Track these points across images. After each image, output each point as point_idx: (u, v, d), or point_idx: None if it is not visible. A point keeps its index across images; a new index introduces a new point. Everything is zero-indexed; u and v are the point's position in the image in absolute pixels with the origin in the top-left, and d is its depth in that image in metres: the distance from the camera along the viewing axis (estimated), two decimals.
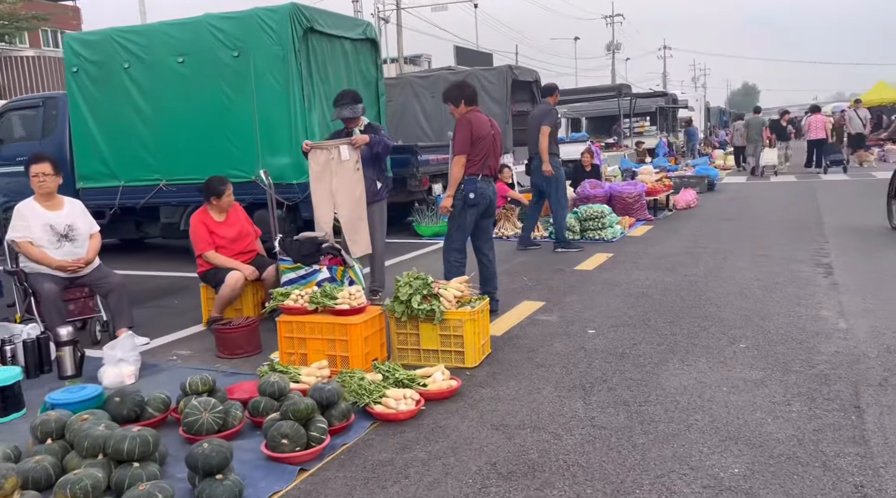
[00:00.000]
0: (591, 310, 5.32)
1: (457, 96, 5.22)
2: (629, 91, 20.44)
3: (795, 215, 10.10)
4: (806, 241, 7.83)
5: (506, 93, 11.77)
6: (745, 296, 5.50)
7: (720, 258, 7.09)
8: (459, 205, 5.14)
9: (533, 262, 7.49)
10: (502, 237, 9.20)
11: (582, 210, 8.83)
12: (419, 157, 9.73)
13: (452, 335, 4.05)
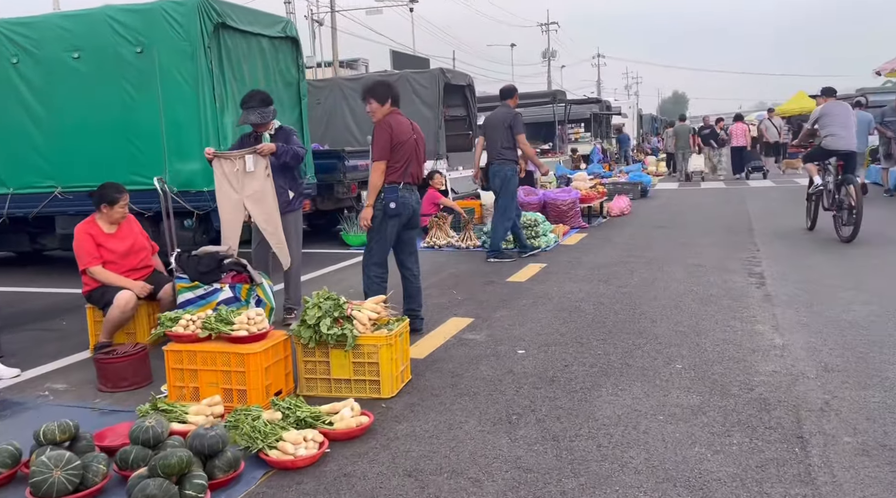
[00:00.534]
0: (522, 326, 5.00)
1: (384, 93, 4.80)
2: (564, 98, 20.51)
3: (727, 222, 10.12)
4: (738, 249, 7.77)
5: (438, 97, 11.44)
6: (681, 309, 5.28)
7: (655, 268, 6.92)
8: (380, 215, 4.73)
9: (465, 273, 7.15)
10: (433, 246, 8.83)
11: None
12: (346, 162, 9.27)
13: (367, 363, 3.63)
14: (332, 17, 38.77)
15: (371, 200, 4.72)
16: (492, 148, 7.88)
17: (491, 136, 7.84)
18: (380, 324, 3.80)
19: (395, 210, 4.72)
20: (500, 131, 7.68)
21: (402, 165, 4.77)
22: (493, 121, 7.92)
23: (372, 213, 4.73)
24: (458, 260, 7.95)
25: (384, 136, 4.69)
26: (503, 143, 7.67)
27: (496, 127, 7.76)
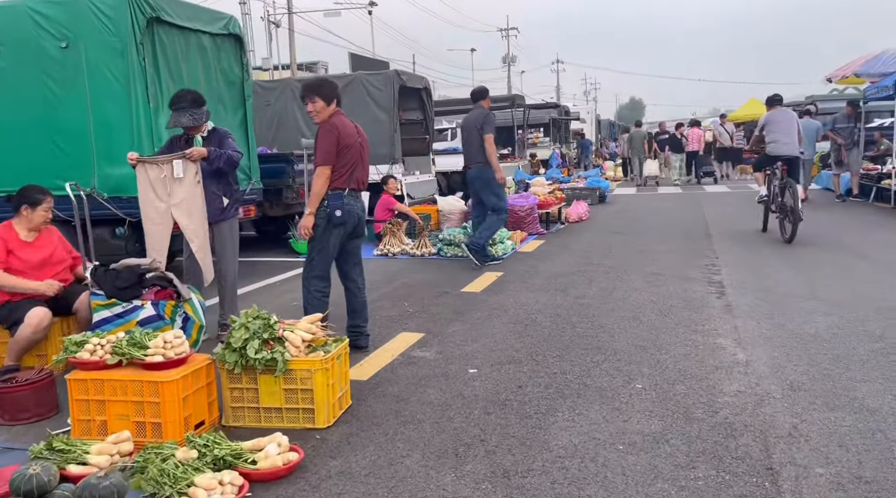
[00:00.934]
0: (475, 342, 4.70)
1: (329, 93, 4.45)
2: (523, 102, 20.38)
3: (684, 228, 10.03)
4: (697, 256, 7.63)
5: (393, 99, 11.10)
6: (640, 321, 5.06)
7: (613, 277, 6.71)
8: (323, 224, 4.38)
9: (418, 283, 6.82)
10: (387, 254, 8.48)
11: (471, 225, 8.26)
12: (296, 166, 8.87)
13: (300, 389, 3.28)
14: (290, 18, 38.09)
15: (313, 208, 4.36)
16: (467, 152, 7.66)
17: (466, 140, 7.65)
18: (316, 345, 3.45)
19: (341, 218, 4.38)
20: (474, 134, 7.49)
21: (348, 170, 4.44)
22: (467, 124, 7.72)
23: (313, 221, 4.37)
24: (412, 269, 7.63)
25: (330, 138, 4.35)
26: (479, 146, 7.46)
27: (471, 130, 7.59)
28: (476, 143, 7.49)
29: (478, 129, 7.43)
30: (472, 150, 7.55)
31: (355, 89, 11.29)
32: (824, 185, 15.74)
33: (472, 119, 7.62)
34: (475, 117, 7.59)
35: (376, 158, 11.36)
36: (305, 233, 4.38)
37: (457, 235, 8.20)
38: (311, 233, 4.37)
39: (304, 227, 4.37)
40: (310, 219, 4.36)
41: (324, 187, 4.34)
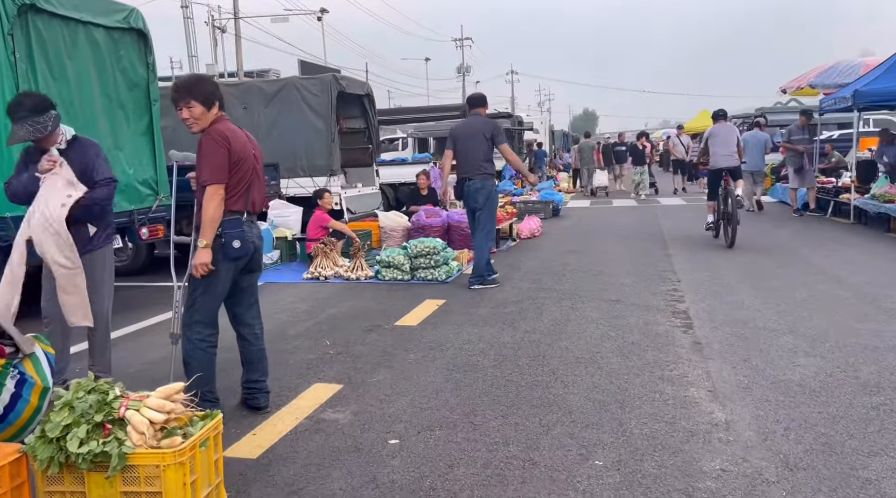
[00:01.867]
0: (402, 396, 3.88)
1: (210, 94, 3.58)
2: None
3: (642, 246, 9.43)
4: (657, 280, 6.99)
5: (330, 105, 10.25)
6: (598, 365, 4.32)
7: (567, 305, 5.98)
8: (214, 258, 3.50)
9: (347, 314, 5.97)
10: (318, 278, 7.60)
11: (412, 245, 7.45)
12: None
13: (145, 493, 2.41)
14: (237, 23, 36.81)
15: (209, 239, 3.47)
16: (468, 162, 6.91)
17: (466, 149, 6.88)
18: (173, 427, 2.57)
19: (239, 251, 3.51)
20: (478, 143, 6.83)
21: (244, 189, 3.59)
22: (466, 132, 6.96)
23: (210, 255, 3.48)
24: (343, 296, 6.77)
25: (219, 150, 3.49)
26: (484, 156, 6.85)
27: (472, 138, 6.85)
28: (480, 153, 6.85)
29: (487, 138, 6.83)
30: (475, 160, 6.87)
31: (289, 95, 10.42)
32: (779, 197, 15.49)
33: (477, 126, 6.91)
34: (480, 125, 6.92)
35: (313, 170, 10.51)
36: (204, 271, 3.47)
37: (396, 257, 7.37)
38: (210, 269, 3.47)
39: (203, 264, 3.45)
40: (207, 253, 3.45)
41: (219, 211, 3.47)
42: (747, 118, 30.22)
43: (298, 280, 7.62)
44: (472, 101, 7.42)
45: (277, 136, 10.42)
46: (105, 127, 6.17)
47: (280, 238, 8.82)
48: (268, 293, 6.95)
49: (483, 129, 6.87)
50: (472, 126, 6.96)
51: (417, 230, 9.04)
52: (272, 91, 10.41)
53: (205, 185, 3.47)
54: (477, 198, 6.91)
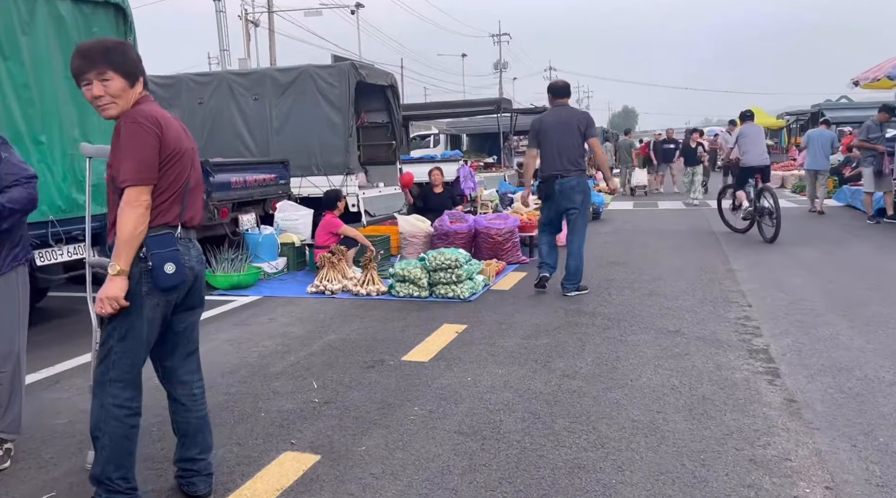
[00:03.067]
0: (396, 481, 2.86)
1: (130, 63, 2.56)
2: (509, 106, 18.59)
3: (697, 257, 8.24)
4: (722, 302, 5.83)
5: (347, 97, 9.28)
6: (662, 434, 3.23)
7: (615, 337, 4.88)
8: (137, 290, 2.51)
9: (347, 344, 4.97)
10: (324, 292, 6.62)
11: (430, 256, 6.41)
12: (212, 177, 7.01)
13: None
14: (270, 17, 36.37)
15: (127, 262, 2.48)
16: (558, 157, 6.27)
17: (557, 143, 6.27)
18: None
19: (172, 278, 2.52)
20: (570, 136, 6.27)
21: (178, 194, 2.59)
22: (556, 124, 6.30)
23: (127, 285, 2.50)
24: (347, 316, 5.77)
25: (146, 139, 2.48)
26: (579, 151, 6.33)
27: (565, 131, 6.27)
28: (575, 148, 6.28)
29: (580, 131, 6.27)
30: (568, 154, 6.25)
31: (304, 85, 9.48)
32: (846, 201, 14.04)
33: (566, 118, 6.31)
34: (569, 116, 6.35)
35: (328, 168, 9.56)
36: (113, 308, 2.49)
37: (412, 270, 6.35)
38: (123, 305, 2.49)
39: (112, 298, 2.46)
40: (120, 283, 2.47)
41: (141, 226, 2.48)
42: (802, 115, 28.48)
43: (301, 294, 6.66)
44: (557, 90, 6.56)
45: (291, 131, 9.51)
46: (71, 116, 5.29)
47: (286, 244, 7.87)
48: (262, 311, 6.00)
49: (577, 121, 6.30)
50: (564, 118, 6.32)
51: (440, 237, 8.01)
52: (286, 81, 9.49)
53: (124, 187, 2.48)
54: (573, 197, 6.26)
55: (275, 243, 7.64)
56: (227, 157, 9.08)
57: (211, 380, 4.14)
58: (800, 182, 18.12)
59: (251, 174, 7.78)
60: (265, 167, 8.14)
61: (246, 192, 7.66)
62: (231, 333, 5.29)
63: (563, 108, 6.45)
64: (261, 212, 8.20)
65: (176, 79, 9.80)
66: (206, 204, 6.91)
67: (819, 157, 12.93)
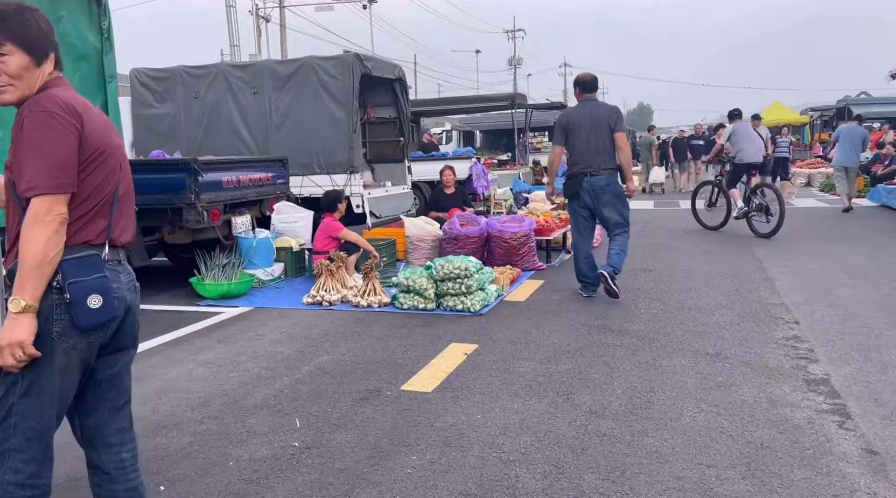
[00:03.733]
0: None
1: (42, 35, 1.96)
2: (524, 102, 17.92)
3: (730, 262, 7.57)
4: (765, 318, 5.17)
5: (351, 91, 8.68)
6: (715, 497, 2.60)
7: (647, 361, 4.25)
8: (48, 330, 1.91)
9: (340, 367, 4.37)
10: (321, 303, 6.03)
11: (437, 264, 5.80)
12: (200, 176, 6.44)
13: None
14: (281, 12, 35.92)
15: (35, 296, 1.87)
16: (590, 154, 5.91)
17: (586, 141, 5.92)
18: None
19: (97, 315, 1.91)
20: (601, 132, 5.92)
21: (102, 204, 1.99)
22: (586, 121, 5.94)
23: (36, 326, 1.90)
24: (344, 332, 5.18)
25: (61, 135, 1.86)
26: (611, 147, 5.97)
27: (595, 127, 5.91)
28: (606, 144, 5.93)
29: (611, 127, 5.93)
30: (599, 152, 5.92)
31: (305, 78, 8.90)
32: (881, 201, 13.27)
33: (599, 113, 5.97)
34: (603, 111, 6.00)
35: (331, 166, 8.96)
36: (18, 359, 1.88)
37: (417, 280, 5.74)
38: (32, 355, 1.89)
39: (16, 344, 1.81)
40: (28, 324, 1.85)
41: (55, 247, 1.87)
42: (826, 111, 27.54)
43: (296, 305, 6.08)
44: (585, 84, 6.13)
45: (291, 126, 8.94)
46: None
47: (284, 249, 7.30)
48: (250, 326, 5.42)
49: (608, 116, 5.95)
50: (593, 113, 5.96)
51: (450, 241, 7.40)
52: (286, 73, 8.91)
53: (29, 196, 1.87)
54: (602, 196, 5.92)
55: (270, 248, 7.06)
56: (224, 155, 8.54)
57: (178, 415, 3.58)
58: (828, 180, 17.34)
59: (245, 173, 7.20)
60: (261, 165, 7.57)
61: (239, 192, 7.09)
62: (211, 353, 4.71)
63: (593, 103, 6.07)
64: (257, 214, 7.63)
65: (170, 72, 9.26)
66: (193, 206, 6.36)
67: (850, 153, 12.68)
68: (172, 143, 9.24)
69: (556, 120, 6.19)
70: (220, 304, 6.22)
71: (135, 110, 9.44)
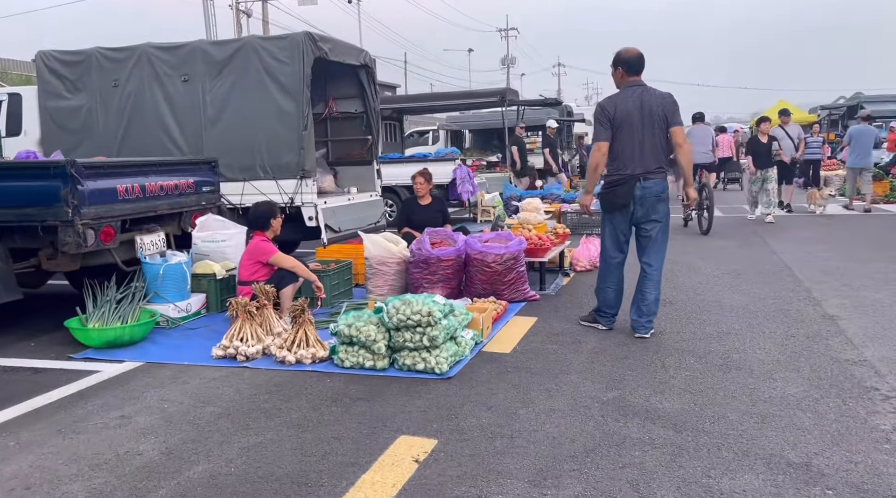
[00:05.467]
0: None
1: None
2: (516, 98, 16.35)
3: (768, 289, 6.03)
4: (852, 391, 3.62)
5: (301, 78, 7.08)
6: None
7: (695, 478, 2.69)
8: None
9: (232, 477, 2.79)
10: (235, 358, 4.42)
11: (392, 307, 4.20)
12: (80, 184, 4.84)
13: None
14: (264, 7, 34.32)
15: None
16: (642, 153, 4.60)
17: (641, 136, 4.59)
18: None
19: None
20: (655, 126, 4.60)
21: None
22: (636, 109, 4.59)
23: None
24: (253, 411, 3.58)
25: None
26: (664, 144, 4.68)
27: (648, 119, 4.58)
28: (661, 141, 4.65)
29: (667, 118, 4.62)
30: (656, 151, 4.64)
31: (246, 62, 7.33)
32: None
33: (652, 102, 4.60)
34: (656, 100, 4.61)
35: (278, 170, 7.30)
36: None
37: (363, 329, 4.16)
38: None
39: None
40: None
41: None
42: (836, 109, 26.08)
43: (202, 360, 4.48)
44: (632, 63, 4.69)
45: (229, 121, 7.35)
46: None
47: (205, 276, 5.71)
48: (123, 397, 3.82)
49: (663, 106, 4.60)
50: (646, 102, 4.59)
51: (418, 265, 5.85)
52: (223, 57, 7.32)
53: None
54: (657, 207, 4.68)
55: (183, 276, 5.47)
56: (150, 156, 6.96)
57: None
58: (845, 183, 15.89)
59: (155, 179, 5.62)
60: (179, 169, 5.98)
61: (145, 203, 5.50)
62: (30, 457, 3.11)
63: (643, 89, 4.66)
64: (175, 230, 6.05)
65: (84, 54, 7.65)
66: (71, 224, 4.77)
67: (863, 154, 12.41)
68: (88, 141, 7.64)
69: (598, 109, 4.70)
70: (103, 355, 4.63)
71: (43, 102, 7.81)
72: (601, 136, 4.66)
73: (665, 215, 4.77)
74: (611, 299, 4.92)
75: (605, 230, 4.89)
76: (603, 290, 4.93)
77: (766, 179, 11.22)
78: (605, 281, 4.91)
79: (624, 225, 4.78)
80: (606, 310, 4.96)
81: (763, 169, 11.21)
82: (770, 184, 11.24)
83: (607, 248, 4.90)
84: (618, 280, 4.90)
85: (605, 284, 4.91)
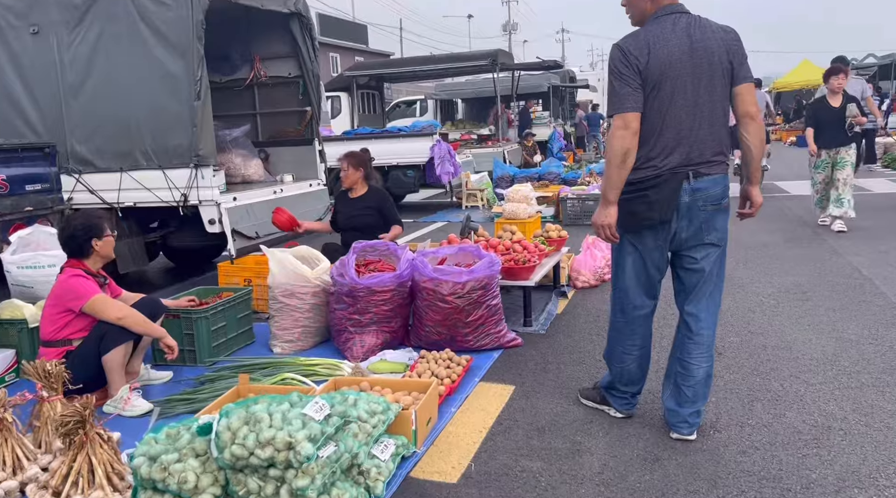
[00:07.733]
0: None
1: None
2: (510, 62, 14.20)
3: (856, 325, 4.06)
4: None
5: (191, 28, 5.02)
6: None
7: None
8: None
9: None
10: None
11: (223, 429, 2.26)
12: None
13: None
14: None
15: None
16: (680, 130, 2.61)
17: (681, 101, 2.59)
18: None
19: None
20: (711, 79, 2.61)
21: None
22: (682, 51, 2.57)
23: None
24: None
25: None
26: (721, 113, 2.67)
27: (701, 69, 2.58)
28: (720, 106, 2.65)
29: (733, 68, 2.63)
30: (714, 126, 2.65)
31: (115, 7, 5.27)
32: None
33: (708, 38, 2.59)
34: (714, 36, 2.61)
35: (164, 156, 5.23)
36: None
37: (174, 467, 2.21)
38: None
39: None
40: None
41: None
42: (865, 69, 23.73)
43: None
44: None
45: (96, 90, 5.35)
46: None
47: (13, 323, 3.78)
48: None
49: (726, 47, 2.62)
50: (696, 41, 2.59)
51: (342, 300, 3.90)
52: (82, 1, 5.28)
53: None
54: (715, 222, 2.73)
55: None
56: None
57: None
58: (891, 153, 13.74)
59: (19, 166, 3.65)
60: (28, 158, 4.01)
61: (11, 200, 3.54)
62: None
63: (690, 20, 2.65)
64: None
65: None
66: None
67: None
68: None
69: (617, 54, 2.66)
70: None
71: None
72: (627, 103, 2.58)
73: (724, 236, 2.78)
74: (632, 372, 2.96)
75: (625, 262, 2.86)
76: (619, 357, 2.97)
77: (838, 164, 7.15)
78: (621, 343, 2.95)
79: (658, 253, 2.77)
80: (623, 388, 3.02)
81: (831, 148, 7.18)
82: (843, 172, 7.11)
83: (629, 291, 2.88)
84: (643, 341, 2.94)
85: (622, 349, 2.95)
